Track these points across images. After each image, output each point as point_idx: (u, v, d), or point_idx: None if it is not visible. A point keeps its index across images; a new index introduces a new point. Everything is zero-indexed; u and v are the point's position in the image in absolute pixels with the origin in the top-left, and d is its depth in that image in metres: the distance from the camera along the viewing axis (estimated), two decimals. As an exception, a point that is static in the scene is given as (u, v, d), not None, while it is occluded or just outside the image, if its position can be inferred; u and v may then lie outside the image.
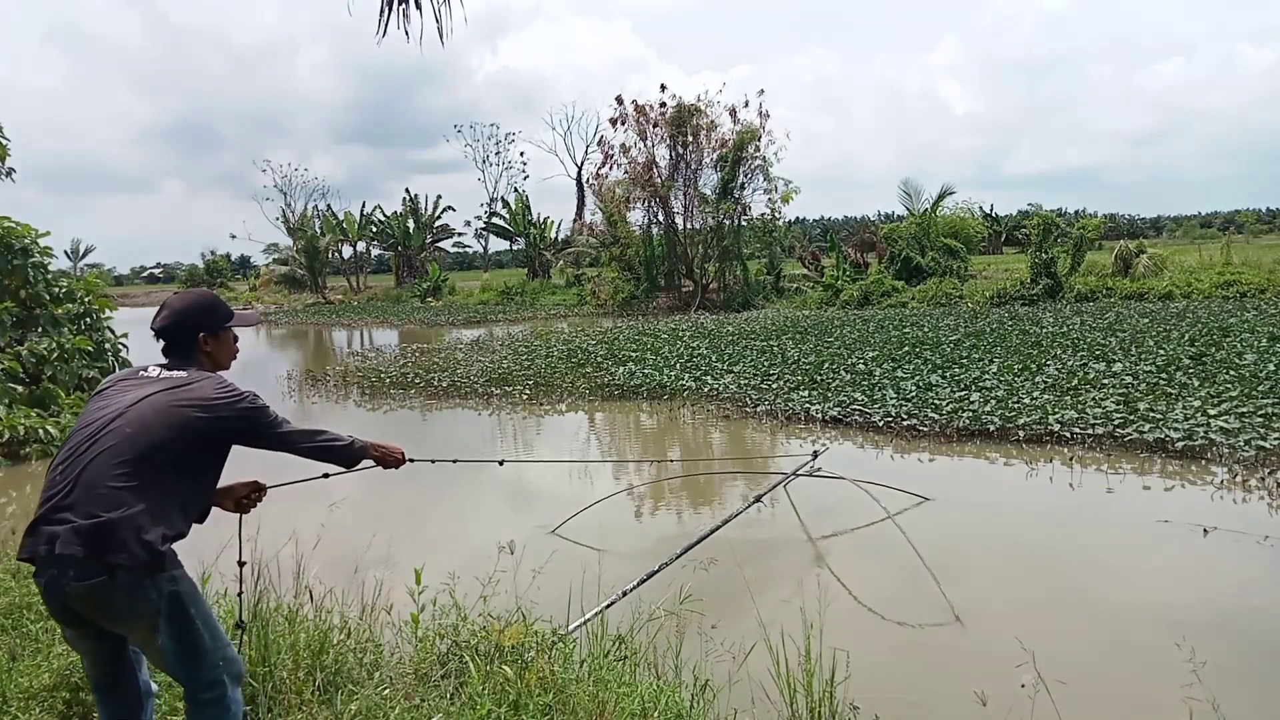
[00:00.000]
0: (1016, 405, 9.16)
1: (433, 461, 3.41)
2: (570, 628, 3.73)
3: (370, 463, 2.80)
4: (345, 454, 2.69)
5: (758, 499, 6.34)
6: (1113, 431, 8.01)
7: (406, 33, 3.82)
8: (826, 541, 6.04)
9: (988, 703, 3.54)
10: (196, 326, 2.56)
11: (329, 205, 55.53)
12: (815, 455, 6.88)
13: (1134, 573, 5.25)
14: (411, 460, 3.00)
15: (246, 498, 2.77)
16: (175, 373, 2.48)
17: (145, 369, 2.53)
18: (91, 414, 2.37)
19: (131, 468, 2.24)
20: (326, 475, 3.08)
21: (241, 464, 2.62)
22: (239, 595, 3.09)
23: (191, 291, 2.68)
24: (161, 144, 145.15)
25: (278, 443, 2.55)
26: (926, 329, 17.34)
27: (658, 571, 4.54)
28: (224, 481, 2.66)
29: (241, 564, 2.99)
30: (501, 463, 4.43)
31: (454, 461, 3.72)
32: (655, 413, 11.10)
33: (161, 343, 2.57)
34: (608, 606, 3.96)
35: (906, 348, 14.20)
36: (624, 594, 4.19)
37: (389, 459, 2.84)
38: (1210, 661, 3.56)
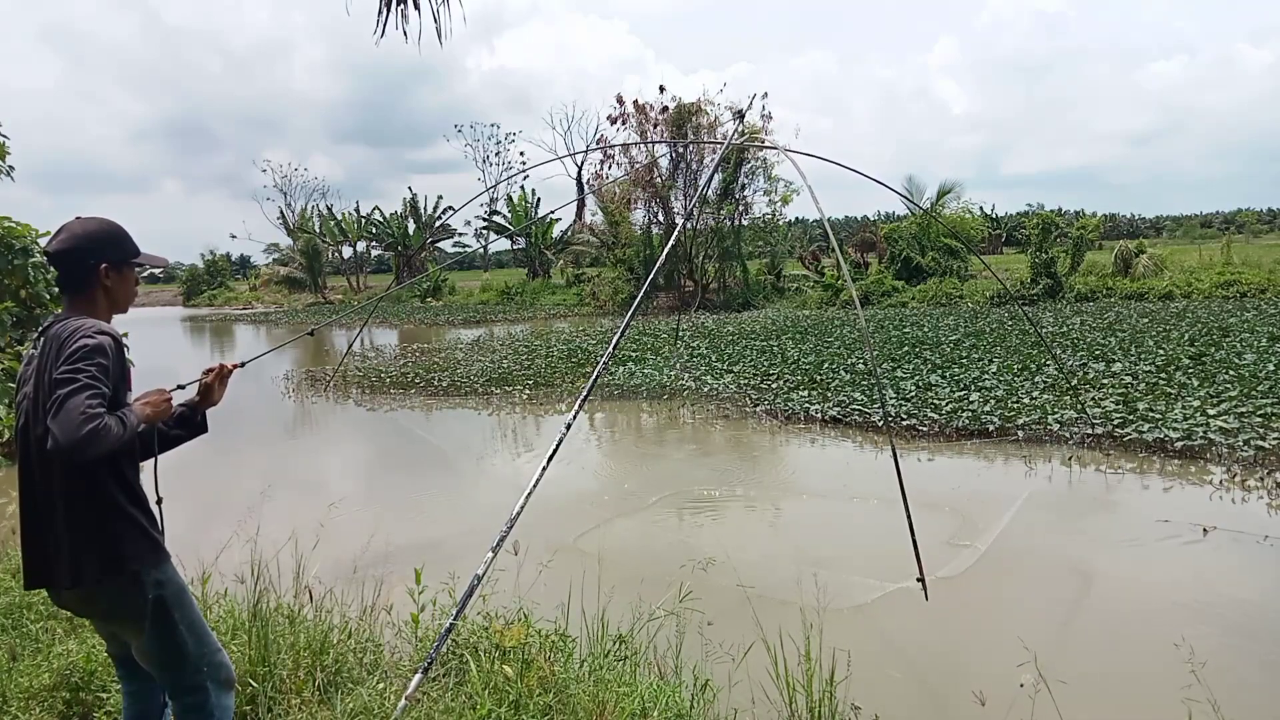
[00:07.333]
0: (1016, 405, 9.16)
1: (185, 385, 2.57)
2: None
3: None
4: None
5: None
6: (1112, 431, 8.02)
7: (405, 33, 3.82)
8: (817, 546, 6.04)
9: (987, 703, 3.54)
10: (99, 255, 2.21)
11: (329, 205, 55.67)
12: (742, 115, 6.70)
13: (1133, 572, 5.24)
14: (180, 386, 2.48)
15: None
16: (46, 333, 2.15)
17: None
18: None
19: None
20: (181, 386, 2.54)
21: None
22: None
23: (97, 218, 2.28)
24: (158, 143, 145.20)
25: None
26: (926, 329, 17.35)
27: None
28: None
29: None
30: (312, 333, 4.05)
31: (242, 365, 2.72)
32: (655, 412, 11.10)
33: (55, 271, 2.25)
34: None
35: (906, 348, 14.21)
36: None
37: (158, 411, 2.25)
38: (1210, 661, 3.56)
